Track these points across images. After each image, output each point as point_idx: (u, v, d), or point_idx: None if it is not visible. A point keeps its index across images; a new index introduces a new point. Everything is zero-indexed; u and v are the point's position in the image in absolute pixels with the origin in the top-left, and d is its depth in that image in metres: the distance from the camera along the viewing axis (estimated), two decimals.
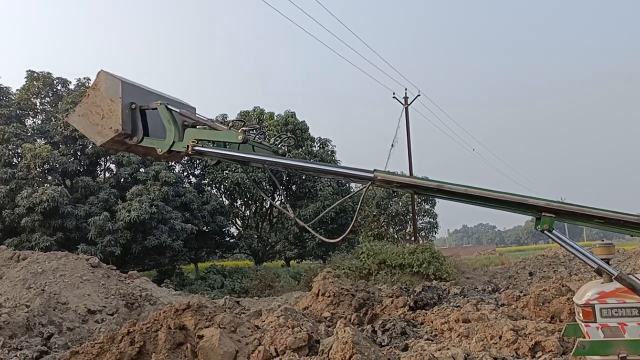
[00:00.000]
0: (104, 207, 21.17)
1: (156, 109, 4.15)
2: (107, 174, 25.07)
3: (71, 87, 25.43)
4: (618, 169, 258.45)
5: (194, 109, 4.59)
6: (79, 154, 23.33)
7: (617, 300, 4.04)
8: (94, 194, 22.00)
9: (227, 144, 4.16)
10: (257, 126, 4.78)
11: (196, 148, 4.03)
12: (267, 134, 27.52)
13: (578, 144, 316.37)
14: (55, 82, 25.30)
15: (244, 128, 3.99)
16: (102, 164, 24.90)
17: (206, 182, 28.01)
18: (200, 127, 4.30)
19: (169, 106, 4.15)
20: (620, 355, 3.89)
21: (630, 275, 3.64)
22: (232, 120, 4.30)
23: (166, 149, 4.12)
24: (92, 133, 4.23)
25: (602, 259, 3.75)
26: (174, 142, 4.10)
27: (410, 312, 10.03)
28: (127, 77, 4.26)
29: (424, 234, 33.84)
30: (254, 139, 4.27)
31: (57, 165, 21.75)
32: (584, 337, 4.18)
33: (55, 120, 23.80)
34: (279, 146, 4.61)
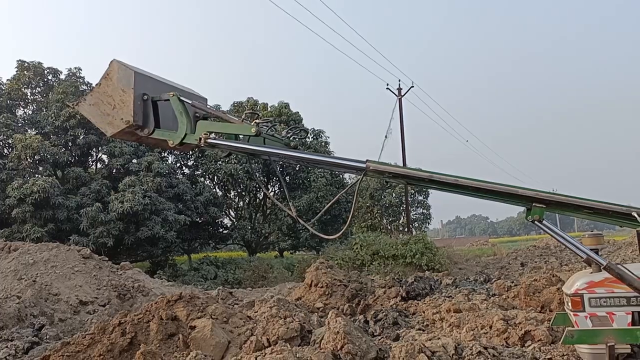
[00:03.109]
0: (96, 198, 21.05)
1: (168, 100, 4.09)
2: (99, 165, 24.92)
3: (62, 77, 25.16)
4: (614, 164, 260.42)
5: (206, 99, 4.54)
6: (70, 144, 23.12)
7: (606, 290, 4.07)
8: (86, 185, 21.87)
9: (238, 136, 4.12)
10: (271, 119, 4.70)
11: (209, 140, 4.00)
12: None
13: (573, 138, 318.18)
14: (46, 72, 25.02)
15: (257, 121, 3.96)
16: (94, 154, 24.71)
17: (199, 173, 27.89)
18: (212, 118, 4.26)
19: (181, 97, 4.09)
20: (608, 345, 3.93)
21: (618, 265, 3.66)
22: (245, 112, 4.28)
23: (178, 142, 4.08)
24: (103, 123, 4.16)
25: (591, 249, 3.77)
26: (186, 134, 4.06)
27: (403, 302, 10.09)
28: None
29: (417, 224, 33.93)
30: (266, 131, 4.23)
31: (48, 156, 21.57)
32: (573, 327, 4.21)
33: (46, 111, 23.56)
34: (291, 139, 4.57)
